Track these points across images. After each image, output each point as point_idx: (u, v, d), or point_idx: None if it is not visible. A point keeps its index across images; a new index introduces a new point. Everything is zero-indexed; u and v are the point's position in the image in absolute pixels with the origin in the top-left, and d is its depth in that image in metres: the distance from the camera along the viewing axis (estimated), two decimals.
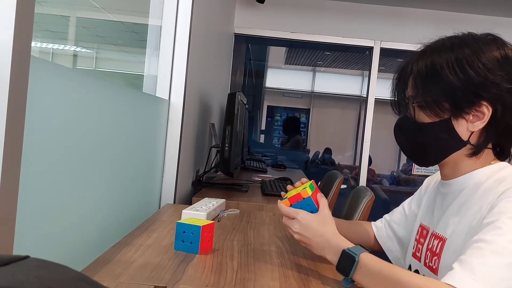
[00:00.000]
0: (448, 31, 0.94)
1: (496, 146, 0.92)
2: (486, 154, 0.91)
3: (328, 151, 5.84)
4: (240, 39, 3.87)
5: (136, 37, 5.00)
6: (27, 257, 0.34)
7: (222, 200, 1.57)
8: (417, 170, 4.02)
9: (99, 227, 1.07)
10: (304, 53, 6.15)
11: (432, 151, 0.94)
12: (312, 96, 7.60)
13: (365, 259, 0.84)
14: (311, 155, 6.01)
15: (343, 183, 2.72)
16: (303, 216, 0.96)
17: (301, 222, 0.96)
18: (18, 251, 0.68)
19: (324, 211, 0.98)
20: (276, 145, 7.03)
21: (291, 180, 2.33)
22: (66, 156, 0.86)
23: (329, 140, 6.50)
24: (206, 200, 1.54)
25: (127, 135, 1.24)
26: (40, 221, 0.78)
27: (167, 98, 1.62)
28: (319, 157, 5.87)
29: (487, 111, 0.85)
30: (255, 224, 1.41)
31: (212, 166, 2.23)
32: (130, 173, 1.28)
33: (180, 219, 1.13)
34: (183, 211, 1.30)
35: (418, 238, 1.03)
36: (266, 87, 7.31)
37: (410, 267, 1.03)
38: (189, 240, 1.03)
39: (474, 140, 0.89)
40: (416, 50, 0.95)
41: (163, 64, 1.63)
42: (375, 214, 1.28)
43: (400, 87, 0.96)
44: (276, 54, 6.55)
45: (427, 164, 0.98)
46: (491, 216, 0.79)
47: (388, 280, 0.79)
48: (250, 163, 3.25)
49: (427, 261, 0.95)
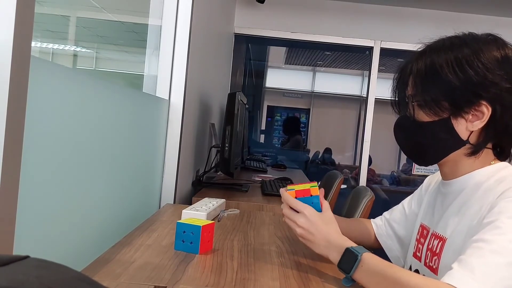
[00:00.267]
0: (449, 31, 0.94)
1: (496, 146, 0.92)
2: (486, 154, 0.91)
3: (328, 151, 5.84)
4: (240, 39, 3.88)
5: (136, 37, 5.00)
6: (27, 257, 0.34)
7: (222, 200, 1.57)
8: (417, 170, 4.02)
9: (99, 227, 1.07)
10: (304, 53, 6.16)
11: (432, 150, 0.94)
12: (312, 96, 7.60)
13: (367, 258, 0.84)
14: (311, 155, 6.01)
15: (343, 183, 2.72)
16: (310, 212, 0.96)
17: (307, 218, 0.95)
18: (18, 251, 0.68)
19: (328, 212, 0.98)
20: (276, 145, 7.04)
21: (291, 180, 2.33)
22: (66, 156, 0.86)
23: (329, 140, 6.50)
24: (206, 200, 1.54)
25: (127, 135, 1.24)
26: (40, 221, 0.78)
27: (167, 98, 1.62)
28: (319, 157, 5.87)
29: (486, 110, 0.85)
30: (255, 224, 1.41)
31: (212, 166, 2.23)
32: (130, 173, 1.28)
33: (180, 219, 1.13)
34: (183, 211, 1.30)
35: (418, 238, 1.03)
36: (266, 87, 7.32)
37: (411, 267, 1.03)
38: (189, 240, 1.03)
39: (473, 139, 0.89)
40: (416, 50, 0.95)
41: (163, 64, 1.63)
42: (375, 214, 1.28)
43: (400, 87, 0.96)
44: (276, 54, 6.55)
45: (426, 163, 0.98)
46: (491, 215, 0.79)
47: (389, 279, 0.79)
48: (250, 163, 3.25)
49: (427, 261, 0.95)
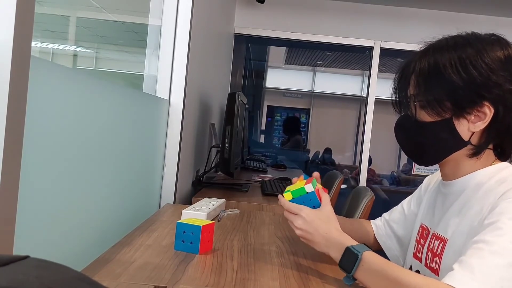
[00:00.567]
0: (450, 31, 0.94)
1: (497, 147, 0.92)
2: (487, 154, 0.91)
3: (328, 151, 5.84)
4: (240, 39, 3.87)
5: (136, 37, 5.00)
6: (27, 257, 0.34)
7: (222, 200, 1.57)
8: (417, 170, 4.02)
9: (99, 227, 1.07)
10: (304, 53, 6.16)
11: (433, 151, 0.93)
12: (312, 96, 7.60)
13: (368, 257, 0.84)
14: (311, 155, 6.02)
15: (343, 183, 2.72)
16: (307, 213, 0.96)
17: (304, 219, 0.95)
18: (18, 251, 0.68)
19: (327, 207, 0.98)
20: (276, 145, 7.04)
21: (291, 180, 2.33)
22: (66, 156, 0.86)
23: (329, 140, 6.50)
24: (206, 200, 1.54)
25: (127, 135, 1.24)
26: (40, 221, 0.78)
27: (167, 98, 1.62)
28: (319, 157, 5.87)
29: (489, 111, 0.85)
30: (255, 224, 1.41)
31: (212, 166, 2.23)
32: (130, 173, 1.28)
33: (180, 219, 1.13)
34: (183, 211, 1.30)
35: (418, 238, 1.03)
36: (266, 87, 7.32)
37: (411, 268, 1.03)
38: (189, 240, 1.03)
39: (475, 140, 0.89)
40: (418, 49, 0.95)
41: (163, 64, 1.63)
42: (375, 214, 1.28)
43: (401, 86, 0.95)
44: (276, 54, 6.56)
45: (427, 164, 0.98)
46: (492, 216, 0.78)
47: (389, 279, 0.79)
48: (250, 163, 3.25)
49: (428, 261, 0.95)
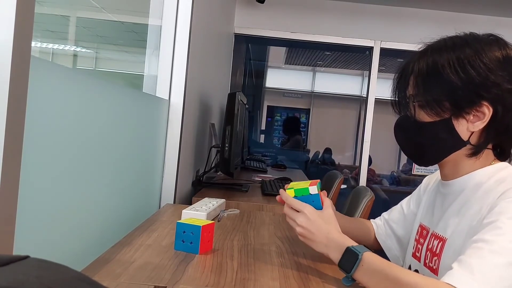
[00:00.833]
0: (449, 31, 0.94)
1: (496, 147, 0.92)
2: (487, 154, 0.91)
3: (328, 151, 5.84)
4: (240, 39, 3.87)
5: (136, 37, 5.00)
6: (27, 257, 0.34)
7: (222, 200, 1.57)
8: (417, 170, 4.02)
9: (99, 227, 1.07)
10: (304, 53, 6.16)
11: (432, 151, 0.94)
12: (312, 96, 7.60)
13: (368, 257, 0.84)
14: (311, 155, 6.01)
15: (343, 183, 2.72)
16: (310, 211, 0.95)
17: (307, 216, 0.95)
18: (18, 251, 0.68)
19: (328, 210, 0.98)
20: (276, 145, 7.04)
21: (291, 180, 2.33)
22: (66, 156, 0.86)
23: (329, 140, 6.50)
24: (206, 200, 1.54)
25: (127, 135, 1.24)
26: (40, 221, 0.78)
27: (167, 98, 1.62)
28: (319, 157, 5.87)
29: (487, 111, 0.85)
30: (255, 224, 1.41)
31: (212, 166, 2.23)
32: (130, 173, 1.28)
33: (180, 219, 1.13)
34: (183, 211, 1.30)
35: (418, 238, 1.03)
36: (266, 87, 7.32)
37: (410, 267, 1.03)
38: (189, 240, 1.03)
39: (474, 140, 0.89)
40: (417, 49, 0.95)
41: (163, 64, 1.63)
42: (375, 214, 1.28)
43: (401, 86, 0.95)
44: (276, 54, 6.56)
45: (426, 164, 0.98)
46: (491, 216, 0.79)
47: (389, 279, 0.79)
48: (250, 163, 3.25)
49: (427, 261, 0.95)
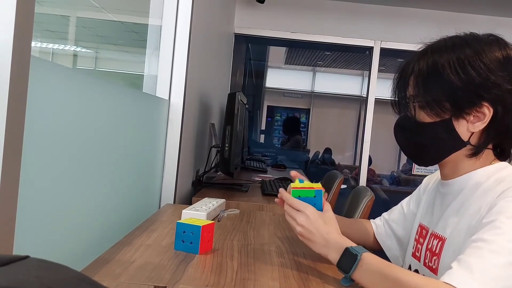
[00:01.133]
0: (449, 31, 0.94)
1: (496, 147, 0.92)
2: (487, 154, 0.91)
3: (328, 151, 5.84)
4: (240, 39, 3.87)
5: (136, 37, 5.00)
6: (27, 257, 0.34)
7: (222, 200, 1.57)
8: (417, 170, 4.02)
9: (99, 227, 1.07)
10: (304, 53, 6.16)
11: (432, 151, 0.94)
12: (312, 96, 7.60)
13: (366, 257, 0.84)
14: (311, 155, 6.01)
15: (343, 183, 2.72)
16: (311, 211, 0.96)
17: (308, 216, 0.95)
18: (18, 251, 0.68)
19: (329, 212, 0.98)
20: (276, 145, 7.04)
21: (291, 180, 2.33)
22: (66, 156, 0.86)
23: (329, 140, 6.50)
24: (206, 200, 1.54)
25: (127, 135, 1.24)
26: (40, 221, 0.78)
27: (167, 98, 1.62)
28: (319, 157, 5.87)
29: (488, 112, 0.85)
30: (255, 224, 1.41)
31: (212, 166, 2.23)
32: (130, 173, 1.28)
33: (180, 219, 1.13)
34: (183, 211, 1.30)
35: (417, 238, 1.03)
36: (266, 87, 7.32)
37: (410, 267, 1.03)
38: (189, 240, 1.03)
39: (474, 140, 0.89)
40: (417, 49, 0.95)
41: (163, 64, 1.63)
42: (375, 214, 1.29)
43: (401, 86, 0.95)
44: (276, 54, 6.56)
45: (426, 164, 0.98)
46: (490, 215, 0.79)
47: (388, 279, 0.79)
48: (250, 163, 3.25)
49: (427, 261, 0.95)
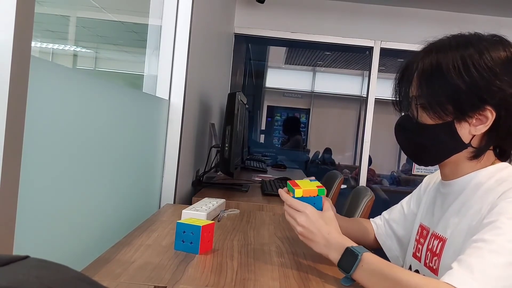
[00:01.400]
0: (450, 31, 0.94)
1: (497, 147, 0.92)
2: (487, 154, 0.91)
3: (328, 151, 5.84)
4: (240, 39, 3.87)
5: (136, 37, 5.01)
6: (27, 257, 0.34)
7: (222, 200, 1.57)
8: (417, 170, 4.02)
9: (99, 227, 1.07)
10: (304, 53, 6.16)
11: (433, 152, 0.94)
12: (312, 96, 7.60)
13: (367, 257, 0.84)
14: (311, 155, 6.01)
15: (343, 183, 2.72)
16: (311, 211, 0.96)
17: (308, 216, 0.95)
18: (18, 251, 0.68)
19: (329, 211, 0.98)
20: (276, 145, 7.04)
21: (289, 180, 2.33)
22: (66, 156, 0.86)
23: (329, 140, 6.50)
24: (206, 200, 1.54)
25: (127, 135, 1.24)
26: (40, 221, 0.78)
27: (167, 98, 1.62)
28: (319, 157, 5.87)
29: (490, 115, 0.85)
30: (255, 224, 1.41)
31: (212, 166, 2.23)
32: (130, 173, 1.28)
33: (180, 219, 1.13)
34: (183, 211, 1.30)
35: (418, 238, 1.03)
36: (266, 87, 7.31)
37: (410, 267, 1.03)
38: (189, 240, 1.03)
39: (475, 143, 0.89)
40: (419, 49, 0.94)
41: (163, 64, 1.63)
42: (375, 214, 1.28)
43: (403, 85, 0.95)
44: (276, 54, 6.55)
45: (426, 164, 0.98)
46: (491, 216, 0.79)
47: (389, 279, 0.79)
48: (250, 163, 3.25)
49: (427, 261, 0.95)
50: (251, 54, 5.61)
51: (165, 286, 0.81)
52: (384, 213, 1.22)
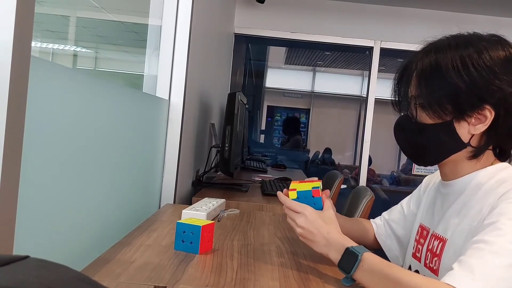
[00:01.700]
0: (449, 31, 0.94)
1: (496, 147, 0.92)
2: (487, 154, 0.91)
3: (328, 151, 5.84)
4: (240, 39, 3.87)
5: (136, 37, 5.01)
6: (27, 257, 0.34)
7: (222, 200, 1.57)
8: (417, 170, 4.02)
9: (99, 227, 1.07)
10: (304, 53, 6.15)
11: (432, 152, 0.93)
12: (312, 96, 7.60)
13: (368, 257, 0.84)
14: (311, 155, 6.01)
15: (343, 183, 2.72)
16: (310, 212, 0.96)
17: (307, 217, 0.95)
18: (18, 251, 0.68)
19: (329, 210, 0.98)
20: (276, 145, 7.04)
21: (291, 180, 2.33)
22: (66, 156, 0.86)
23: (329, 140, 6.50)
24: (206, 200, 1.54)
25: (127, 135, 1.24)
26: (40, 221, 0.78)
27: (167, 98, 1.62)
28: (319, 157, 5.87)
29: (489, 114, 0.85)
30: (255, 224, 1.41)
31: (212, 166, 2.23)
32: (130, 173, 1.28)
33: (180, 219, 1.13)
34: (183, 211, 1.30)
35: (418, 238, 1.03)
36: (266, 87, 7.31)
37: (410, 268, 1.03)
38: (189, 240, 1.03)
39: (474, 142, 0.89)
40: (418, 49, 0.94)
41: (163, 64, 1.63)
42: (375, 214, 1.28)
43: (402, 86, 0.95)
44: (276, 54, 6.55)
45: (426, 164, 0.98)
46: (492, 217, 0.79)
47: (389, 279, 0.79)
48: (250, 163, 3.25)
49: (427, 261, 0.95)
50: (251, 54, 5.61)
51: (165, 286, 0.81)
52: (384, 213, 1.22)
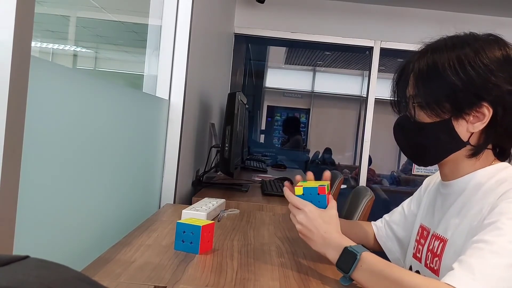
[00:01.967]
0: (449, 31, 0.94)
1: (496, 147, 0.92)
2: (487, 154, 0.91)
3: (328, 151, 5.85)
4: (240, 39, 3.87)
5: (136, 37, 5.01)
6: (27, 257, 0.34)
7: (222, 200, 1.57)
8: (417, 170, 4.02)
9: (99, 227, 1.07)
10: (304, 53, 6.16)
11: (432, 151, 0.94)
12: (312, 96, 7.60)
13: (366, 257, 0.84)
14: (311, 155, 6.02)
15: (343, 183, 2.73)
16: (310, 209, 0.95)
17: (307, 214, 0.95)
18: (18, 251, 0.68)
19: (332, 210, 0.98)
20: (276, 145, 7.04)
21: (291, 180, 2.33)
22: (66, 156, 0.86)
23: (329, 140, 6.51)
24: (206, 200, 1.54)
25: (127, 135, 1.24)
26: (40, 221, 0.78)
27: (167, 98, 1.62)
28: (319, 157, 5.87)
29: (487, 112, 0.85)
30: (255, 224, 1.41)
31: (212, 166, 2.23)
32: (130, 173, 1.28)
33: (180, 219, 1.13)
34: (183, 211, 1.30)
35: (418, 239, 1.03)
36: (266, 87, 7.32)
37: (411, 268, 1.03)
38: (189, 240, 1.03)
39: (473, 141, 0.89)
40: (416, 49, 0.95)
41: (163, 64, 1.63)
42: (375, 214, 1.29)
43: (400, 86, 0.95)
44: (276, 54, 6.56)
45: (426, 164, 0.98)
46: (492, 216, 0.79)
47: (389, 279, 0.79)
48: (250, 163, 3.25)
49: (428, 262, 0.95)
50: (251, 54, 5.61)
51: (165, 286, 0.81)
52: (385, 215, 1.22)
